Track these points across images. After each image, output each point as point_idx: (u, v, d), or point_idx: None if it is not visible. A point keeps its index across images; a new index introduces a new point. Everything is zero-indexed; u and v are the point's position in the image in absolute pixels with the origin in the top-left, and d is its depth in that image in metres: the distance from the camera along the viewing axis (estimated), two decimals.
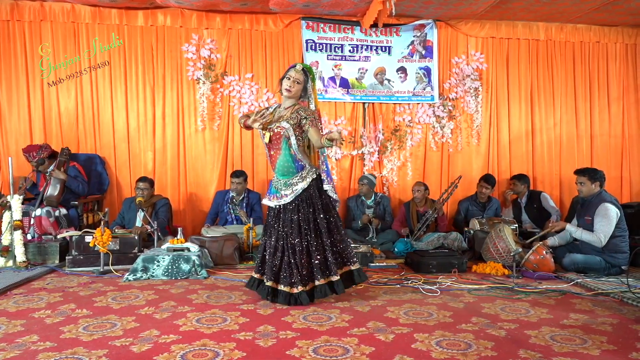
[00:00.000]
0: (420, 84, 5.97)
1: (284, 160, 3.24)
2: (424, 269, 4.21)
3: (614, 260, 4.10)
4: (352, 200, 5.60)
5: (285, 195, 3.23)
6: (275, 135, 3.24)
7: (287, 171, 3.25)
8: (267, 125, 3.24)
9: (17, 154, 5.30)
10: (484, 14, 5.71)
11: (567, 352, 2.39)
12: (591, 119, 6.23)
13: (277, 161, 3.26)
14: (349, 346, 2.44)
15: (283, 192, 3.25)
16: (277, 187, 3.30)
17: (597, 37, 6.17)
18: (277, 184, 3.30)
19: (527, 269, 4.15)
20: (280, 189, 3.27)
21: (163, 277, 3.94)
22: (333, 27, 5.82)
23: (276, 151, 3.26)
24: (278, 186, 3.29)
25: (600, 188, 4.25)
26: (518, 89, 6.12)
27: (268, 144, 3.27)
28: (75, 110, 5.49)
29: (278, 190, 3.29)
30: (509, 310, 3.09)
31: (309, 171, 3.25)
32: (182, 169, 5.70)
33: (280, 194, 3.27)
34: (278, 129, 3.22)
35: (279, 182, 3.29)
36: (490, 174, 5.62)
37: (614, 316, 2.98)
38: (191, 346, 2.44)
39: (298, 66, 3.25)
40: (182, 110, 5.66)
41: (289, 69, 3.28)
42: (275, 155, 3.27)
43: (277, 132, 3.23)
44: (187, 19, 5.56)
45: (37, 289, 3.58)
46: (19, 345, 2.44)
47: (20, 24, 5.35)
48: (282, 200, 3.23)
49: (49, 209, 4.72)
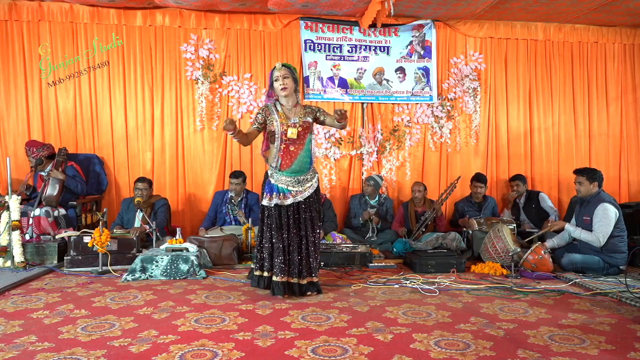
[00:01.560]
0: (419, 84, 5.98)
1: (305, 155, 3.34)
2: (423, 269, 4.22)
3: (612, 260, 4.10)
4: (355, 198, 5.60)
5: (299, 192, 3.30)
6: (304, 130, 3.32)
7: (303, 167, 3.34)
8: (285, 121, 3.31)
9: (16, 154, 5.30)
10: (482, 14, 5.72)
11: (566, 351, 2.39)
12: (589, 119, 6.24)
13: (297, 157, 3.31)
14: (347, 346, 2.44)
15: (296, 190, 3.30)
16: (286, 185, 3.31)
17: (595, 38, 6.18)
18: (285, 182, 3.32)
19: (525, 269, 4.15)
20: (291, 187, 3.30)
21: (162, 277, 3.94)
22: (332, 27, 5.82)
23: (298, 147, 3.32)
24: (287, 184, 3.31)
25: (598, 188, 4.26)
26: (516, 89, 6.13)
27: (291, 140, 3.29)
28: (73, 111, 5.48)
29: (286, 189, 3.31)
30: (507, 310, 3.09)
31: (314, 168, 3.45)
32: (181, 169, 5.69)
33: (292, 192, 3.30)
34: (307, 124, 3.34)
35: (288, 180, 3.31)
36: (480, 173, 5.60)
37: (612, 316, 2.99)
38: (190, 346, 2.43)
39: (278, 65, 3.32)
40: (180, 111, 5.65)
41: (271, 74, 3.36)
42: (297, 151, 3.31)
43: (305, 127, 3.33)
44: (186, 19, 5.55)
45: (36, 290, 3.58)
46: (17, 346, 2.44)
47: (18, 23, 5.34)
48: (298, 197, 3.30)
49: (48, 209, 4.71)
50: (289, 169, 3.31)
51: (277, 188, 3.32)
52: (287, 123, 3.30)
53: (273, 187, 3.34)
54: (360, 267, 4.41)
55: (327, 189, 5.82)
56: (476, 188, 5.43)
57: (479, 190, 5.43)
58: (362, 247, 4.66)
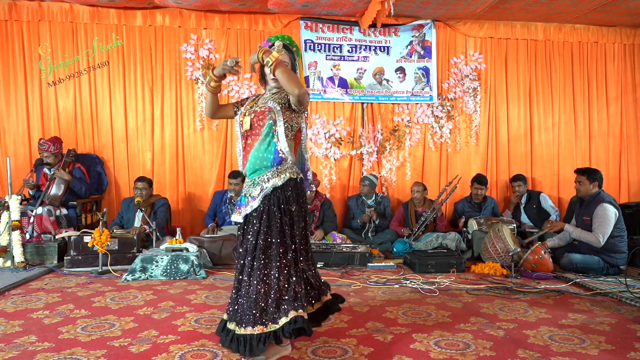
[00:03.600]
0: (419, 84, 5.97)
1: (261, 149, 2.40)
2: (423, 269, 4.22)
3: (612, 260, 4.10)
4: (352, 199, 5.60)
5: (251, 199, 2.38)
6: (258, 116, 2.43)
7: (260, 164, 2.40)
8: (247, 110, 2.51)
9: (16, 154, 5.30)
10: (482, 14, 5.72)
11: (566, 351, 2.39)
12: (590, 119, 6.24)
13: (251, 151, 2.43)
14: (347, 347, 2.44)
15: (250, 197, 2.40)
16: (246, 192, 2.45)
17: (595, 38, 6.18)
18: (246, 188, 2.46)
19: (525, 269, 4.15)
20: (249, 193, 2.42)
21: (162, 277, 3.94)
22: (332, 27, 5.82)
23: (254, 139, 2.44)
24: (247, 191, 2.45)
25: (598, 188, 4.26)
26: (517, 89, 6.13)
27: (248, 132, 2.45)
28: (73, 110, 5.48)
29: (246, 197, 2.44)
30: (507, 310, 3.09)
31: (288, 168, 2.41)
32: (181, 169, 5.69)
33: (246, 201, 2.42)
34: (263, 109, 2.44)
35: (247, 185, 2.46)
36: (481, 174, 5.61)
37: (612, 316, 2.99)
38: (190, 346, 2.43)
39: (278, 43, 2.51)
40: (180, 110, 5.66)
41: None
42: (252, 144, 2.44)
43: (260, 112, 2.43)
44: (186, 19, 5.55)
45: (35, 290, 3.58)
46: (17, 346, 2.44)
47: (18, 23, 5.34)
48: (251, 204, 2.37)
49: (50, 208, 4.72)
50: (247, 168, 2.46)
51: (241, 199, 2.48)
52: (248, 112, 2.49)
53: (240, 198, 2.50)
54: (360, 267, 4.41)
55: (327, 189, 5.82)
56: (477, 190, 5.44)
57: (479, 192, 5.44)
58: (362, 247, 4.66)
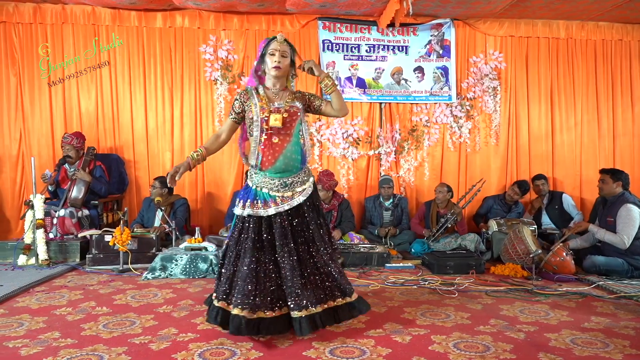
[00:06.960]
0: (438, 83, 5.92)
1: (293, 150, 2.58)
2: (441, 269, 4.18)
3: (637, 262, 4.01)
4: (369, 200, 5.57)
5: (285, 199, 2.55)
6: (290, 116, 2.57)
7: (291, 165, 2.58)
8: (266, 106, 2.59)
9: (40, 154, 5.41)
10: (502, 13, 5.64)
11: (589, 355, 2.34)
12: (614, 119, 6.11)
13: (282, 151, 2.55)
14: (365, 348, 2.44)
15: (282, 195, 2.56)
16: (270, 189, 2.57)
17: (619, 35, 6.04)
18: (270, 185, 2.57)
19: (546, 271, 4.08)
20: (275, 191, 2.56)
21: (181, 275, 3.98)
22: (350, 27, 5.81)
23: (284, 138, 2.57)
24: (271, 188, 2.57)
25: (622, 189, 4.17)
26: (538, 88, 6.03)
27: (275, 129, 2.55)
28: (95, 111, 5.58)
29: (269, 194, 2.56)
30: (528, 313, 3.05)
31: (308, 169, 2.72)
32: (200, 169, 5.74)
33: (277, 198, 2.55)
34: (294, 109, 2.60)
35: (273, 183, 2.57)
36: (525, 181, 5.55)
37: (637, 320, 2.92)
38: (209, 345, 2.46)
39: (280, 37, 2.61)
40: (199, 111, 5.71)
41: (267, 43, 2.62)
42: (282, 144, 2.56)
43: (293, 113, 2.59)
44: (205, 20, 5.60)
45: (59, 287, 3.66)
46: (41, 342, 2.49)
47: (42, 26, 5.46)
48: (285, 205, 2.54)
49: (72, 210, 4.81)
50: (273, 167, 2.56)
51: (256, 193, 2.58)
52: (270, 108, 2.57)
53: (250, 192, 2.59)
54: (378, 268, 4.40)
55: (344, 189, 5.81)
56: (514, 193, 5.43)
57: (515, 196, 5.44)
58: (380, 247, 4.64)
